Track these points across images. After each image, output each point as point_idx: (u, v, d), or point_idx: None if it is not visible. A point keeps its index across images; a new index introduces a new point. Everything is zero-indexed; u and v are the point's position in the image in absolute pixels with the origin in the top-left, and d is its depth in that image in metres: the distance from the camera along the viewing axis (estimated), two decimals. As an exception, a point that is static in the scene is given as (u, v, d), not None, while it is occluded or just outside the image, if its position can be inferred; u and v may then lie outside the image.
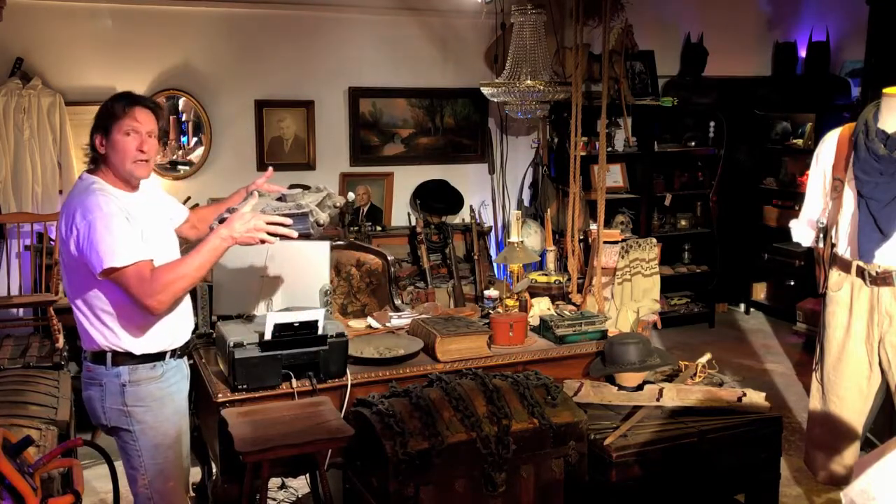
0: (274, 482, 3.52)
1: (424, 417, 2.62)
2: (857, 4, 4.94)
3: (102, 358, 2.44)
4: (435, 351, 3.03)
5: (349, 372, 2.86)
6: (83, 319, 2.44)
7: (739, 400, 3.07)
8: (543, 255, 4.57)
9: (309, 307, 2.93)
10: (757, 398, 3.09)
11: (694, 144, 6.38)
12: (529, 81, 4.79)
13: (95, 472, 3.60)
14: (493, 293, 3.58)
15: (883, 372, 3.15)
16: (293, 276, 3.06)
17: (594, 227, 4.64)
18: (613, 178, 6.15)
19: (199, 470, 3.36)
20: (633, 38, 6.04)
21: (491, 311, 3.47)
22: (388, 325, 3.39)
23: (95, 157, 2.44)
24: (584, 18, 4.93)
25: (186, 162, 5.36)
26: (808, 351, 5.66)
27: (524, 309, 3.46)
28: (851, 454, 3.21)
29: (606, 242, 4.72)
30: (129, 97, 2.44)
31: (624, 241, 4.96)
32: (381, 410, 2.62)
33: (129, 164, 2.40)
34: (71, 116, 4.78)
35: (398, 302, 3.85)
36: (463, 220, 5.88)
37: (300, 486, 3.57)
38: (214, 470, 2.98)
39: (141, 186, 2.52)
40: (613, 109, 5.89)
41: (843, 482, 3.15)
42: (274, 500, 3.52)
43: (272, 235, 2.42)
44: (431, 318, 3.34)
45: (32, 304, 4.43)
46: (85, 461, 3.42)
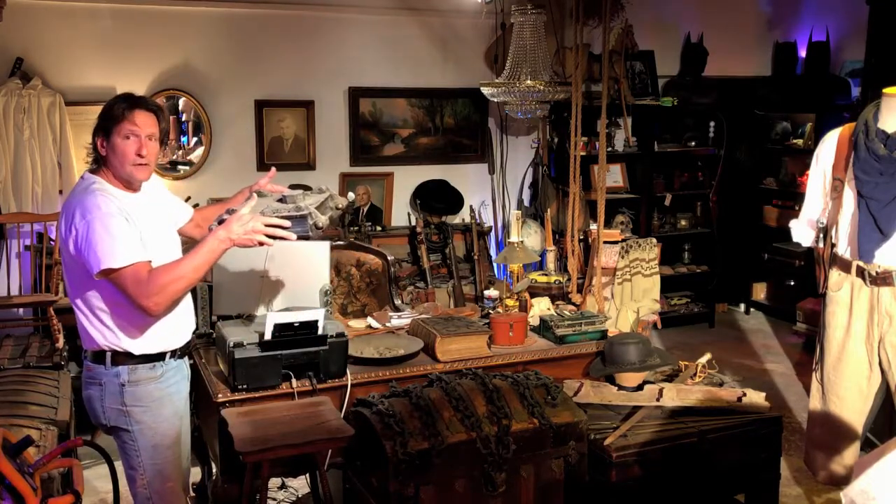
0: (274, 482, 3.52)
1: (424, 417, 2.62)
2: (857, 4, 4.94)
3: (102, 357, 2.44)
4: (435, 351, 3.03)
5: (349, 372, 2.86)
6: (83, 319, 2.44)
7: (739, 400, 3.07)
8: (543, 255, 4.57)
9: (309, 307, 2.92)
10: (757, 398, 3.09)
11: (694, 144, 6.38)
12: (529, 81, 4.79)
13: (95, 472, 3.60)
14: (493, 293, 3.58)
15: (883, 372, 3.15)
16: (293, 276, 3.05)
17: (594, 227, 4.64)
18: (613, 178, 6.15)
19: (199, 470, 3.36)
20: (633, 38, 6.04)
21: (491, 311, 3.46)
22: (388, 325, 3.39)
23: (97, 157, 2.44)
24: (584, 18, 4.92)
25: (186, 162, 5.36)
26: (808, 351, 5.65)
27: (524, 309, 3.46)
28: (851, 454, 3.21)
29: (606, 242, 4.71)
30: (129, 99, 2.43)
31: (624, 241, 4.96)
32: (381, 410, 2.62)
33: (128, 167, 2.40)
34: (71, 116, 4.78)
35: (398, 302, 3.84)
36: (463, 220, 5.88)
37: (300, 486, 3.57)
38: (214, 470, 2.98)
39: (143, 187, 2.51)
40: (613, 109, 5.89)
41: (843, 482, 3.15)
42: (274, 500, 3.52)
43: (270, 237, 2.41)
44: (431, 318, 3.34)
45: (32, 304, 4.43)
46: (85, 461, 3.42)
